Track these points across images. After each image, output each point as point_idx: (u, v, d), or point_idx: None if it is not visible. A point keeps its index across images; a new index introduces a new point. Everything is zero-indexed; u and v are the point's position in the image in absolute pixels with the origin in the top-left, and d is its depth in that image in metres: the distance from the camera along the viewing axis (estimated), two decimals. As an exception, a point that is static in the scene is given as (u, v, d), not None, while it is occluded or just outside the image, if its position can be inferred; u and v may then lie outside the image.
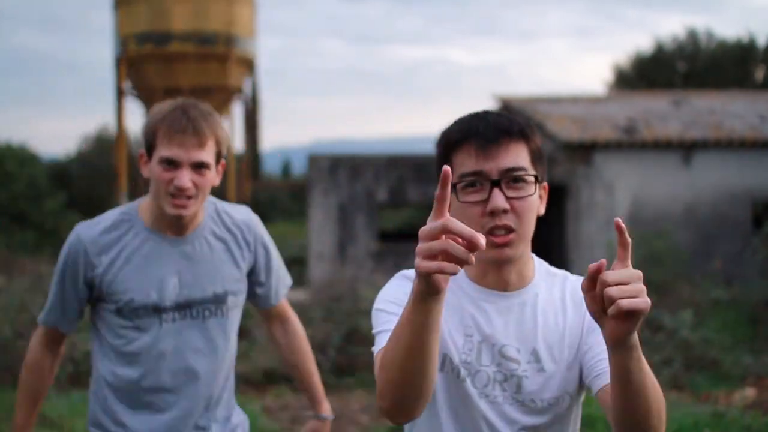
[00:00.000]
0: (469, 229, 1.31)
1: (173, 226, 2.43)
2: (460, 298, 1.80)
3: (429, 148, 20.09)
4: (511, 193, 1.71)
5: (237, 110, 22.00)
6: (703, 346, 8.61)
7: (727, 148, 14.63)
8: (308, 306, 9.48)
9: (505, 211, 1.70)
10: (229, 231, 2.53)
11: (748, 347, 8.99)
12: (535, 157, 1.78)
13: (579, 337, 1.78)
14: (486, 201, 1.70)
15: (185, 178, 2.31)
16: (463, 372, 1.75)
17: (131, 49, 18.88)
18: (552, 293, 1.84)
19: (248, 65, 20.11)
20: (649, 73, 30.75)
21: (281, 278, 2.70)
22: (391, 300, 1.77)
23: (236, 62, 19.28)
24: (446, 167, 1.33)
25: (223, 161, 2.45)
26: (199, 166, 2.34)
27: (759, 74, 30.77)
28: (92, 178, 29.62)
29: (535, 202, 1.76)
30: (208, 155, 2.34)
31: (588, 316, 1.77)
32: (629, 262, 1.40)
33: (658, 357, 8.23)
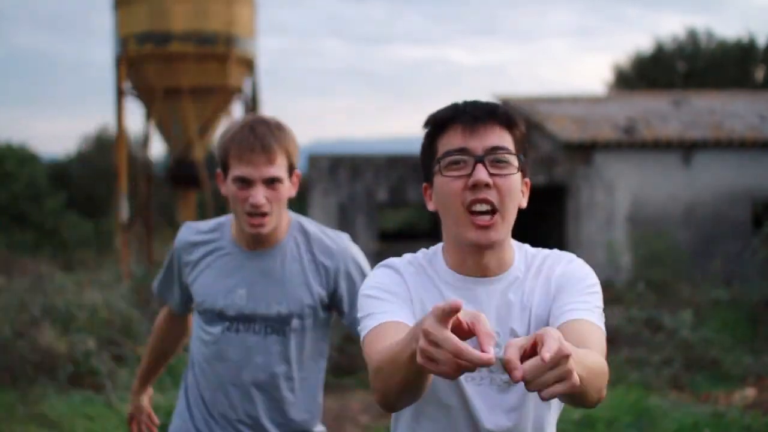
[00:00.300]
0: (477, 355, 1.31)
1: (252, 241, 2.52)
2: (440, 286, 1.82)
3: (429, 148, 20.05)
4: (494, 171, 1.74)
5: (237, 110, 21.98)
6: (703, 346, 8.61)
7: (727, 148, 14.63)
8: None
9: (487, 186, 1.72)
10: (312, 254, 2.56)
11: (748, 347, 8.98)
12: (519, 146, 1.82)
13: (549, 309, 1.79)
14: (469, 176, 1.73)
15: (259, 195, 2.39)
16: None
17: (131, 49, 18.88)
18: (529, 274, 1.84)
19: (248, 65, 20.11)
20: (649, 73, 30.74)
21: (352, 322, 2.66)
22: (378, 286, 1.80)
23: (236, 62, 19.27)
24: (456, 302, 1.32)
25: (297, 172, 2.51)
26: (272, 182, 2.41)
27: (759, 74, 30.76)
28: (92, 178, 29.61)
29: (517, 183, 1.81)
30: (279, 170, 2.41)
31: (557, 283, 1.80)
32: (546, 353, 1.31)
33: (658, 357, 8.23)
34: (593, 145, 14.37)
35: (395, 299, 1.77)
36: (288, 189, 2.47)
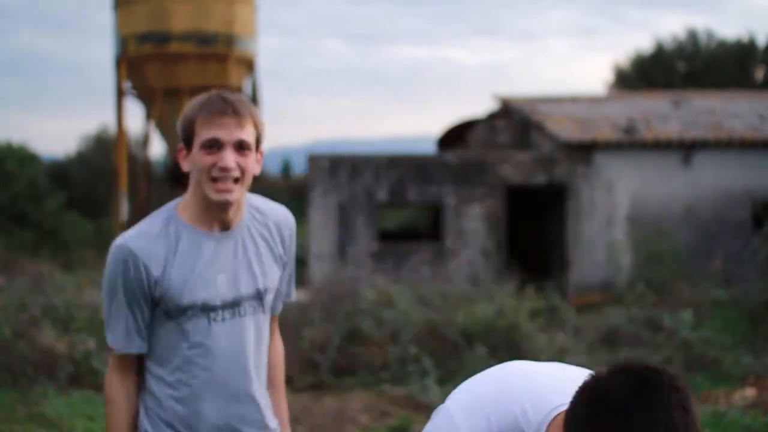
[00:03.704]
0: None
1: (218, 219, 2.40)
2: None
3: (429, 148, 20.10)
4: None
5: (237, 110, 22.00)
6: (703, 346, 8.61)
7: (727, 148, 14.63)
8: (308, 306, 9.47)
9: None
10: (267, 227, 2.50)
11: (748, 347, 8.98)
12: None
13: None
14: None
15: (229, 157, 2.31)
16: None
17: (131, 49, 18.88)
18: None
19: (248, 65, 20.10)
20: (649, 73, 30.74)
21: (289, 291, 2.66)
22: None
23: (236, 62, 19.27)
24: None
25: (262, 149, 2.43)
26: (242, 147, 2.33)
27: (759, 74, 30.76)
28: (92, 178, 29.61)
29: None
30: (249, 135, 2.35)
31: None
32: None
33: (658, 357, 8.23)
34: (593, 145, 14.37)
35: None
36: (255, 163, 2.39)
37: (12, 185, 23.68)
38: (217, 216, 2.39)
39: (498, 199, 14.21)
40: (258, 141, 2.39)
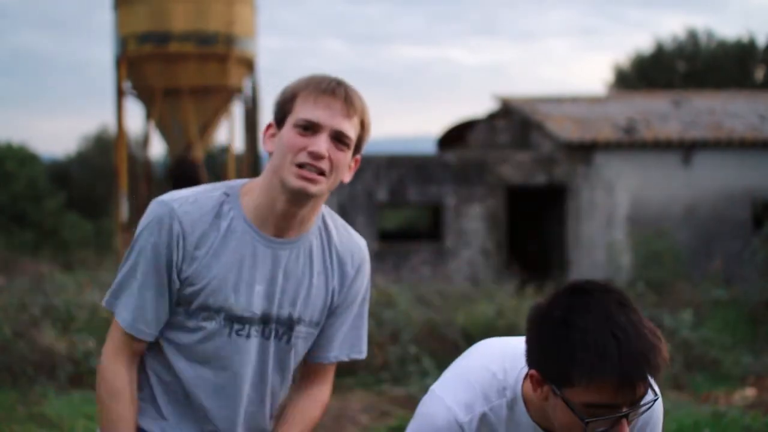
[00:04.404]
0: None
1: (282, 217, 1.99)
2: None
3: (429, 148, 20.10)
4: None
5: (237, 110, 21.96)
6: (703, 346, 8.61)
7: (727, 148, 14.63)
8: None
9: None
10: (328, 253, 2.10)
11: (748, 347, 8.98)
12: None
13: None
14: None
15: (323, 144, 1.93)
16: None
17: (131, 49, 18.87)
18: None
19: (248, 65, 20.09)
20: (649, 73, 30.74)
21: (355, 344, 2.19)
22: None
23: (236, 62, 19.26)
24: None
25: (358, 157, 2.05)
26: (341, 139, 1.96)
27: (759, 74, 30.77)
28: (92, 178, 29.62)
29: None
30: (352, 130, 1.98)
31: None
32: None
33: (658, 357, 8.21)
34: (593, 145, 14.37)
35: None
36: (347, 164, 2.01)
37: (12, 185, 23.71)
38: (283, 212, 1.99)
39: (498, 199, 14.21)
40: (359, 144, 2.02)
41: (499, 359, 1.86)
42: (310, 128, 1.93)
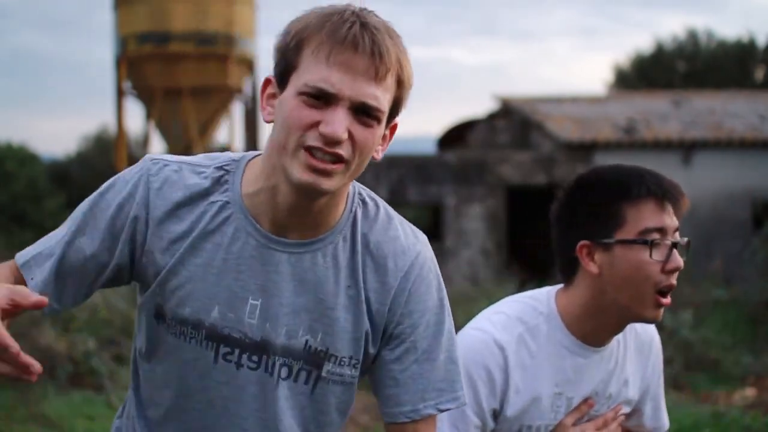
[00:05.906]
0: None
1: (285, 214, 1.44)
2: (560, 350, 1.80)
3: (429, 148, 20.11)
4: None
5: (237, 110, 21.98)
6: (703, 346, 8.61)
7: (727, 148, 14.63)
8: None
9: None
10: (365, 256, 1.51)
11: (748, 347, 8.98)
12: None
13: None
14: (665, 261, 1.79)
15: (341, 122, 1.34)
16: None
17: (131, 49, 18.88)
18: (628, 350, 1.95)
19: (248, 65, 20.11)
20: (649, 73, 30.75)
21: (442, 382, 1.52)
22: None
23: (236, 62, 19.28)
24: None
25: (396, 123, 1.48)
26: (366, 112, 1.37)
27: (759, 74, 30.77)
28: (92, 178, 29.62)
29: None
30: (384, 97, 1.38)
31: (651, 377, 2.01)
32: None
33: (658, 357, 8.22)
34: (593, 145, 14.37)
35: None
36: (377, 141, 1.43)
37: (12, 185, 23.71)
38: (288, 206, 1.43)
39: (498, 199, 14.22)
40: (394, 109, 1.44)
41: (520, 298, 1.88)
42: (322, 97, 1.35)
